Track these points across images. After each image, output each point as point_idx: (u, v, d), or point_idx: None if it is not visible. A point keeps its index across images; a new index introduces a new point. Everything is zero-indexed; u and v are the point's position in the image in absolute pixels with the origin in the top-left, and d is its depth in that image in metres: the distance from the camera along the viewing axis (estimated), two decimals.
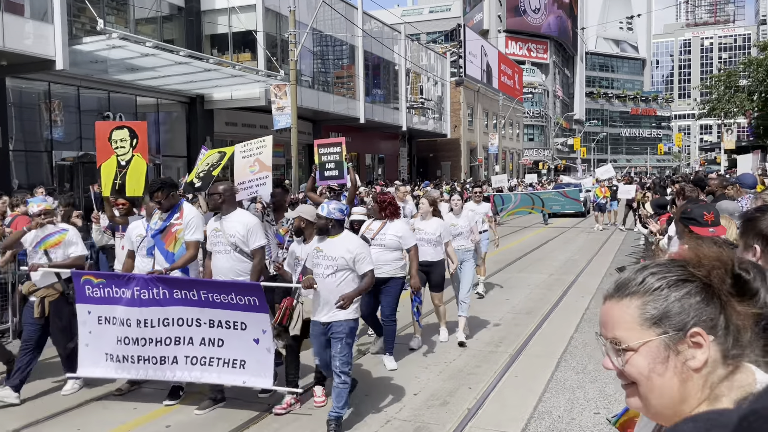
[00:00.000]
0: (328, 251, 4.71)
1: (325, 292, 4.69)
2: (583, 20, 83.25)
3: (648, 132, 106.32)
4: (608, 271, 11.68)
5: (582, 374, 6.01)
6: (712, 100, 37.13)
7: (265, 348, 4.84)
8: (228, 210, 5.32)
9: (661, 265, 1.05)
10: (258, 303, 4.78)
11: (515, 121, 57.75)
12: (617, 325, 1.05)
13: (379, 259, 5.96)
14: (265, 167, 6.36)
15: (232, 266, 5.26)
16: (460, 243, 7.54)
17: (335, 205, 4.75)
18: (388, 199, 6.48)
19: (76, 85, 17.08)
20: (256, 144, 6.49)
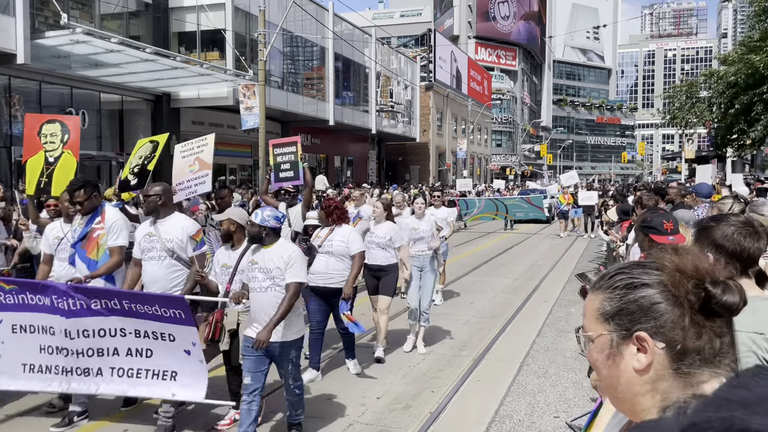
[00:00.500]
0: (264, 263, 4.28)
1: (263, 308, 4.28)
2: (552, 29, 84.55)
3: (612, 140, 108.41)
4: (570, 277, 11.86)
5: (543, 378, 6.09)
6: (672, 110, 38.08)
7: (198, 359, 4.46)
8: (165, 213, 4.89)
9: (635, 266, 1.07)
10: (184, 316, 4.36)
11: (483, 127, 58.32)
12: (585, 315, 1.10)
13: (328, 268, 5.78)
14: (206, 165, 6.08)
15: (165, 274, 4.82)
16: (421, 248, 7.18)
17: (270, 211, 4.36)
18: (333, 204, 6.09)
19: (38, 80, 16.67)
20: (197, 143, 6.24)
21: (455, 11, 66.55)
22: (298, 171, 7.34)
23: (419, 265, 7.08)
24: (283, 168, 7.45)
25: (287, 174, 7.42)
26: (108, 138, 19.56)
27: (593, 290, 1.10)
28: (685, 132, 39.93)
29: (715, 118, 34.61)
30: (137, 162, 6.27)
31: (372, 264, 6.59)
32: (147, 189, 5.08)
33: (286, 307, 4.21)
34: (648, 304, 1.01)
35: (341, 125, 29.43)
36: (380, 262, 6.61)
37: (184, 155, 6.24)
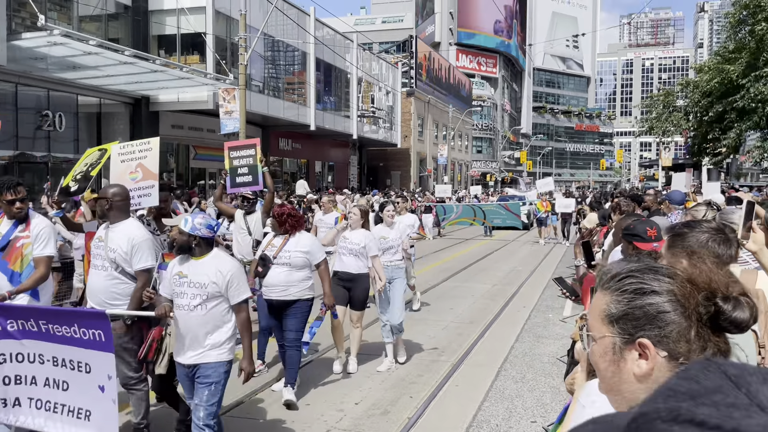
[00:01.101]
0: (194, 276, 3.82)
1: (190, 329, 3.83)
2: (532, 37, 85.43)
3: (591, 147, 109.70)
4: (549, 283, 11.96)
5: (521, 383, 6.12)
6: (650, 119, 38.64)
7: (111, 399, 3.80)
8: (116, 218, 4.44)
9: (647, 270, 1.07)
10: (103, 338, 3.76)
11: (464, 133, 58.68)
12: (591, 313, 1.09)
13: (286, 279, 5.42)
14: (150, 174, 5.50)
15: (107, 287, 4.41)
16: (390, 258, 6.80)
17: (202, 219, 3.89)
18: (286, 211, 5.61)
19: (14, 81, 16.41)
20: (138, 146, 5.68)
21: (436, 18, 67.00)
22: (257, 175, 6.90)
23: (389, 276, 6.69)
24: (241, 172, 7.01)
25: (245, 179, 6.97)
26: (86, 141, 19.30)
27: (601, 288, 1.09)
28: (662, 140, 40.54)
29: (691, 126, 35.19)
30: (82, 169, 5.93)
31: (342, 271, 6.31)
32: (101, 191, 4.65)
33: (248, 330, 3.95)
34: (654, 312, 1.01)
35: (322, 130, 29.41)
36: (351, 269, 6.31)
37: (124, 159, 5.64)
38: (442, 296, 10.83)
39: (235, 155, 7.04)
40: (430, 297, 10.74)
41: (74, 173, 5.97)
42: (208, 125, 22.75)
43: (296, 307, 5.51)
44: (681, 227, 2.40)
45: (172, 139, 22.59)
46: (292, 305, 5.49)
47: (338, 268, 6.35)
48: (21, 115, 16.83)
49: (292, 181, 29.80)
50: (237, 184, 7.02)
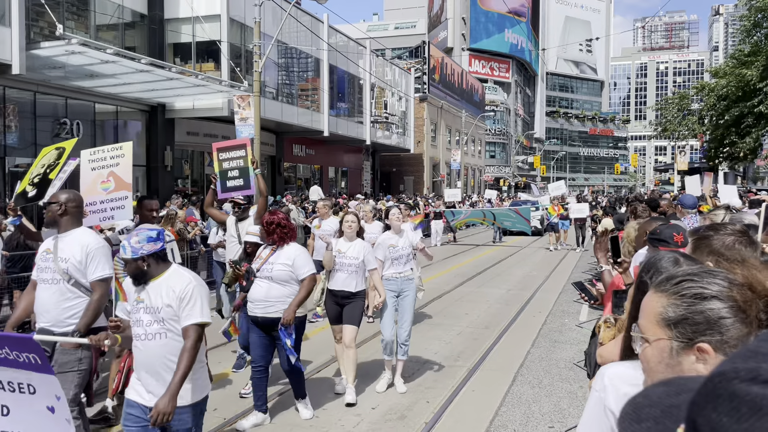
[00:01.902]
0: (150, 300, 3.28)
1: (149, 362, 3.26)
2: (545, 41, 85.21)
3: (605, 152, 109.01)
4: (564, 288, 11.91)
5: (538, 389, 6.10)
6: (663, 122, 38.38)
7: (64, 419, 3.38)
8: (67, 227, 4.01)
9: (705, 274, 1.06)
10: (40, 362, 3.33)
11: (477, 138, 58.58)
12: (644, 315, 1.08)
13: (266, 294, 4.94)
14: (123, 184, 4.98)
15: (57, 302, 3.92)
16: (399, 269, 6.13)
17: (138, 236, 3.27)
18: (276, 220, 5.04)
19: (33, 90, 16.66)
20: (110, 152, 5.14)
21: (449, 24, 67.05)
22: (248, 179, 6.47)
23: (396, 289, 6.08)
24: (231, 176, 6.57)
25: (236, 183, 6.54)
26: None
27: (656, 290, 1.08)
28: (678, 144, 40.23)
29: (706, 130, 34.89)
30: (39, 171, 5.39)
31: (338, 290, 5.71)
32: (54, 195, 4.20)
33: (187, 361, 3.16)
34: (715, 318, 1.00)
35: (336, 136, 29.50)
36: (349, 287, 5.69)
37: (95, 166, 5.12)
38: (457, 301, 10.82)
39: (225, 157, 6.59)
40: (444, 302, 10.74)
41: (30, 176, 5.43)
42: (223, 132, 22.90)
43: None
44: (705, 230, 2.39)
45: (188, 146, 22.80)
46: (277, 324, 4.94)
47: (334, 287, 5.72)
48: (39, 123, 17.07)
49: (306, 187, 29.91)
50: (228, 189, 6.59)
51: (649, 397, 0.75)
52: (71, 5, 17.37)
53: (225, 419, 5.23)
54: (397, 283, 6.11)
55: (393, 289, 6.06)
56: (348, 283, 5.70)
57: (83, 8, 17.74)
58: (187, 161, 23.53)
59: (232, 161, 6.55)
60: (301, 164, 32.09)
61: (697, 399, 0.59)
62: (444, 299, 11.00)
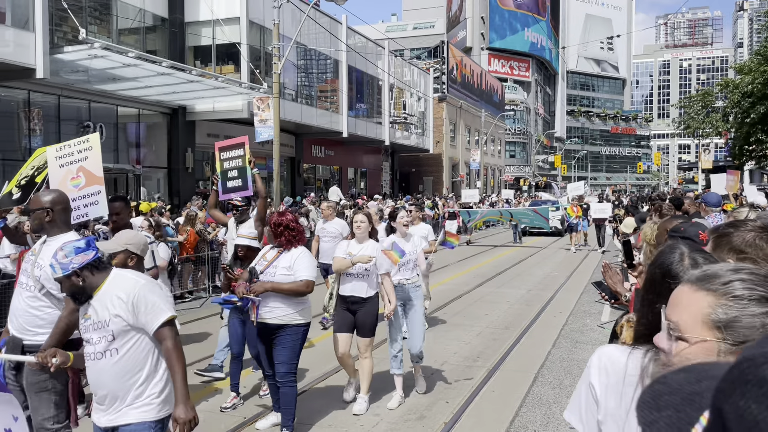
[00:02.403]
0: (96, 314, 2.88)
1: (101, 384, 2.90)
2: (565, 39, 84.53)
3: (628, 150, 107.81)
4: (586, 288, 11.79)
5: (559, 389, 6.04)
6: (686, 120, 37.86)
7: None
8: (54, 231, 3.65)
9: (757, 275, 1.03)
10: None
11: (497, 138, 58.29)
12: (683, 312, 1.03)
13: (270, 300, 4.64)
14: (95, 178, 4.71)
15: (24, 308, 3.61)
16: (406, 276, 5.84)
17: (63, 251, 2.86)
18: (285, 222, 4.75)
19: (57, 94, 16.95)
20: (77, 146, 4.84)
21: (468, 23, 66.82)
22: (246, 179, 6.14)
23: (403, 298, 5.77)
24: (231, 176, 6.25)
25: (235, 183, 6.23)
26: (125, 151, 19.82)
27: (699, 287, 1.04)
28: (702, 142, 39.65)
29: (730, 127, 34.34)
30: (27, 173, 5.20)
31: (349, 295, 5.33)
32: (34, 200, 3.83)
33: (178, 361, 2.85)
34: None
35: (355, 137, 29.57)
36: (360, 293, 5.33)
37: (63, 163, 4.79)
38: (476, 302, 10.76)
39: (225, 156, 6.32)
40: (463, 303, 10.69)
41: (19, 178, 5.25)
42: (243, 133, 22.79)
43: (285, 335, 4.67)
44: (725, 227, 2.35)
45: (208, 148, 22.95)
46: (279, 331, 4.67)
47: (344, 293, 5.35)
48: (63, 127, 17.35)
49: (325, 187, 30.01)
50: (228, 190, 6.30)
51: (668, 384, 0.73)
52: (94, 10, 17.64)
53: (245, 418, 5.26)
54: (403, 291, 5.75)
55: (400, 297, 5.70)
56: (359, 288, 5.32)
57: (105, 13, 18.00)
58: (208, 163, 23.74)
59: (232, 161, 6.29)
60: (320, 165, 32.21)
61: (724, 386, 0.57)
62: (463, 299, 10.95)
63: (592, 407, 1.47)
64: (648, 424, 0.72)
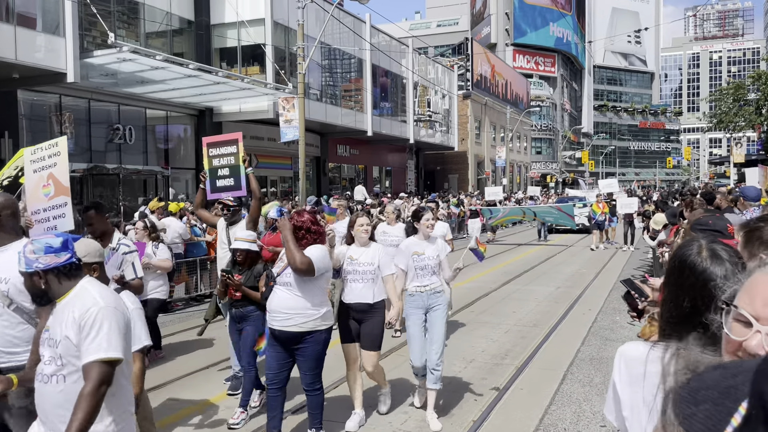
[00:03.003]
0: (53, 330, 2.53)
1: (46, 410, 2.52)
2: (591, 34, 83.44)
3: (657, 145, 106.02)
4: (615, 285, 11.63)
5: (588, 387, 5.97)
6: (718, 114, 37.10)
7: None
8: (3, 239, 3.26)
9: None
10: None
11: (523, 134, 57.80)
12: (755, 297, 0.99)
13: (286, 305, 4.29)
14: (62, 188, 4.38)
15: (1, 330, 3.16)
16: (425, 282, 5.14)
17: (33, 246, 2.54)
18: (305, 225, 4.38)
19: (87, 97, 17.28)
20: (48, 149, 4.49)
21: (492, 19, 66.36)
22: (239, 178, 5.83)
23: (423, 305, 5.14)
24: (221, 174, 5.94)
25: (226, 182, 5.91)
26: (153, 153, 20.12)
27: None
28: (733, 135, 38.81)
29: (764, 120, 33.55)
30: (10, 173, 4.96)
31: (354, 302, 4.91)
32: None
33: (83, 413, 2.32)
34: None
35: (379, 135, 29.59)
36: (365, 298, 4.90)
37: (36, 168, 4.48)
38: (504, 299, 10.69)
39: (215, 153, 5.96)
40: (491, 300, 10.63)
41: (1, 178, 5.01)
42: (268, 134, 23.26)
43: (307, 344, 4.36)
44: (756, 222, 2.30)
45: None
46: (301, 340, 4.35)
47: (349, 300, 4.93)
48: (94, 129, 17.68)
49: (351, 186, 30.10)
50: (218, 189, 5.97)
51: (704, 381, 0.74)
52: (122, 14, 17.93)
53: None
54: (422, 299, 5.14)
55: (419, 306, 5.14)
56: (364, 294, 4.89)
57: (133, 16, 18.29)
58: None
59: (223, 158, 5.94)
60: (345, 164, 32.30)
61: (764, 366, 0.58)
62: (491, 297, 10.89)
63: (619, 403, 1.49)
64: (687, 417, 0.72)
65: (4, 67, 13.52)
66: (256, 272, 5.20)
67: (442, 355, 5.10)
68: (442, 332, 5.12)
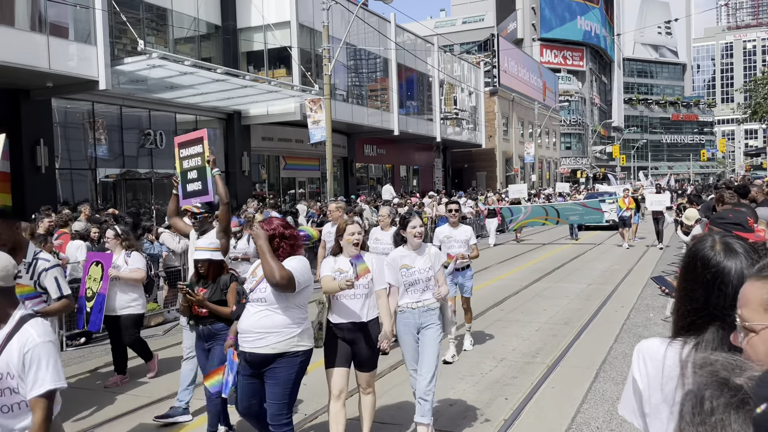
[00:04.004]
0: None
1: None
2: (620, 26, 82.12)
3: (690, 138, 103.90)
4: (648, 282, 11.43)
5: (622, 385, 5.88)
6: (753, 104, 36.20)
7: None
8: None
9: None
10: None
11: (551, 130, 57.17)
12: (747, 305, 1.06)
13: (260, 323, 3.71)
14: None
15: None
16: (416, 298, 4.62)
17: None
18: (277, 232, 3.80)
19: (119, 104, 17.63)
20: None
21: (518, 14, 65.78)
22: (206, 182, 5.10)
23: (415, 323, 4.62)
24: (191, 178, 5.21)
25: (195, 186, 5.19)
26: None
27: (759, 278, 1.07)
28: None
29: None
30: None
31: (344, 322, 4.21)
32: None
33: None
34: None
35: (406, 134, 29.57)
36: (358, 317, 4.22)
37: None
38: (535, 297, 10.60)
39: (185, 154, 5.24)
40: (521, 298, 10.55)
41: None
42: (296, 136, 23.45)
43: (278, 368, 3.74)
44: None
45: (263, 151, 23.46)
46: (271, 363, 3.74)
47: (339, 319, 4.22)
48: (126, 135, 18.04)
49: (380, 185, 30.14)
50: (189, 194, 5.25)
51: None
52: (151, 21, 18.25)
53: None
54: (413, 316, 4.60)
55: (410, 323, 4.62)
56: (357, 311, 4.22)
57: (162, 23, 18.59)
58: (264, 166, 24.23)
59: (192, 159, 5.20)
60: (372, 164, 32.36)
61: None
62: (521, 295, 10.80)
63: (639, 401, 1.50)
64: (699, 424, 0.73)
65: (39, 76, 13.86)
66: (222, 284, 4.65)
67: (432, 382, 4.43)
68: (434, 356, 4.52)
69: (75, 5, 14.31)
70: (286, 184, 25.58)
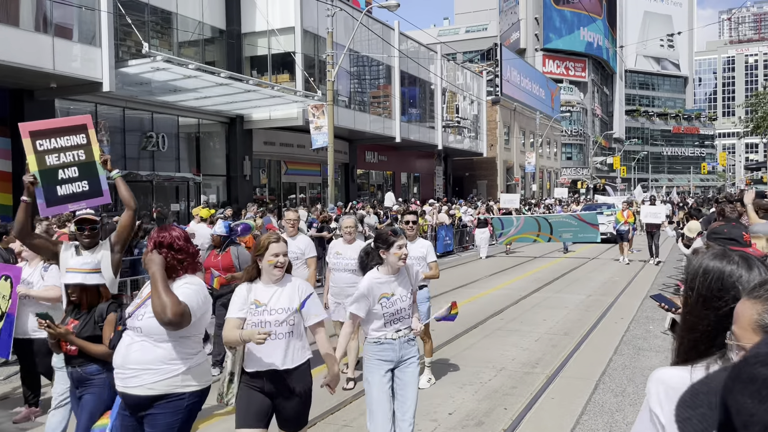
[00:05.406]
0: None
1: None
2: (623, 38, 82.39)
3: (691, 151, 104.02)
4: (648, 294, 11.41)
5: (621, 397, 5.87)
6: (756, 118, 36.28)
7: None
8: None
9: None
10: None
11: (553, 140, 57.29)
12: (738, 322, 1.08)
13: (136, 359, 3.00)
14: None
15: None
16: (397, 326, 3.85)
17: None
18: (166, 241, 3.11)
19: (122, 106, 17.66)
20: None
21: (521, 24, 66.02)
22: (97, 181, 4.26)
23: (393, 358, 3.83)
24: (67, 177, 4.16)
25: (76, 187, 4.19)
26: (186, 160, 20.45)
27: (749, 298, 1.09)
28: None
29: None
30: None
31: (260, 371, 3.31)
32: None
33: None
34: None
35: (407, 142, 29.62)
36: (283, 361, 3.31)
37: None
38: (535, 307, 10.58)
39: (48, 147, 4.10)
40: (521, 308, 10.53)
41: None
42: (298, 141, 23.48)
43: (158, 413, 3.01)
44: None
45: (265, 156, 23.48)
46: (151, 405, 3.02)
47: (252, 367, 3.32)
48: (128, 137, 18.06)
49: (381, 192, 30.16)
50: (62, 199, 4.15)
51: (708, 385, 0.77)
52: (155, 24, 18.30)
53: None
54: (394, 349, 3.82)
55: (387, 358, 3.82)
56: (279, 352, 3.30)
57: (166, 26, 18.65)
58: (265, 170, 24.24)
59: (65, 153, 4.15)
60: (373, 171, 32.39)
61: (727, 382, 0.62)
62: (520, 305, 10.79)
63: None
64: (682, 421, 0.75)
65: (42, 77, 13.89)
66: (98, 315, 3.68)
67: (414, 425, 3.80)
68: (415, 395, 3.88)
69: (80, 7, 14.35)
70: (287, 188, 25.60)
